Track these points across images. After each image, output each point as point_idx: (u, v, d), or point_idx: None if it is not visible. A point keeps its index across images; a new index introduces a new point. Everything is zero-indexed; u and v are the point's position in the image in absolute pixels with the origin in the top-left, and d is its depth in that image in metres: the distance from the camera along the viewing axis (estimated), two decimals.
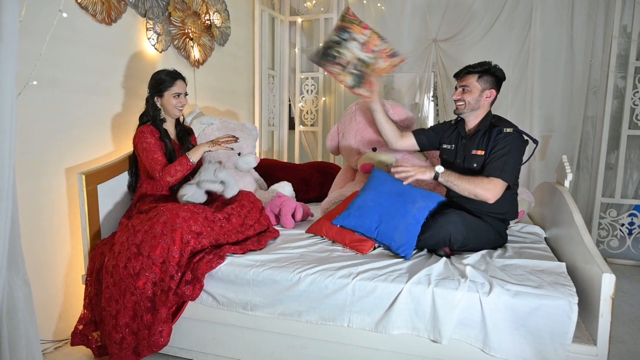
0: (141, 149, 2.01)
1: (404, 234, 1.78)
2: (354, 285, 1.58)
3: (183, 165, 2.01)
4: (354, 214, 1.88)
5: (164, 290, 1.72)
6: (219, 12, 3.12)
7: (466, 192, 1.84)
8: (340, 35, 2.17)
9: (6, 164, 0.99)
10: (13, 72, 0.98)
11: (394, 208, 1.87)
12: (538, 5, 3.32)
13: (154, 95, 2.09)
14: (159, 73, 2.10)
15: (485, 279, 1.52)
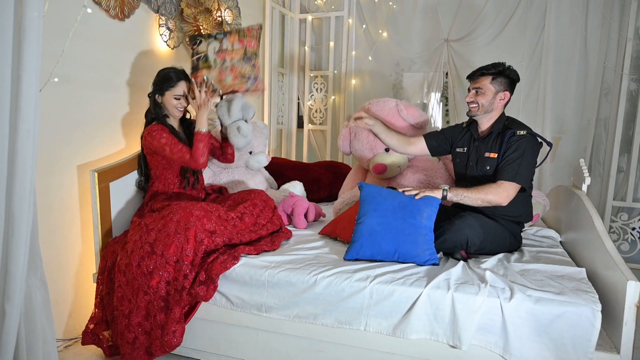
0: (160, 146, 1.97)
1: (424, 247, 1.73)
2: (372, 288, 1.56)
3: (199, 140, 1.98)
4: (366, 244, 1.77)
5: (178, 290, 1.70)
6: (230, 8, 3.09)
7: (479, 201, 1.81)
8: (217, 34, 2.22)
9: (29, 164, 0.96)
10: (37, 70, 0.95)
11: (405, 224, 1.76)
12: (552, 6, 3.29)
13: (156, 93, 2.06)
14: (164, 70, 2.07)
15: (505, 284, 1.49)
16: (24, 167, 0.95)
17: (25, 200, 0.97)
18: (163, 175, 2.06)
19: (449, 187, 1.82)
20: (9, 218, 0.96)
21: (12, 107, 0.92)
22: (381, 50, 3.84)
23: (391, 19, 3.76)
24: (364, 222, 1.81)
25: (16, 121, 0.92)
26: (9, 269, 0.98)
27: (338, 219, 2.09)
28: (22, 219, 0.98)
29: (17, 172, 0.94)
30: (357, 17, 3.87)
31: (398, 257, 1.74)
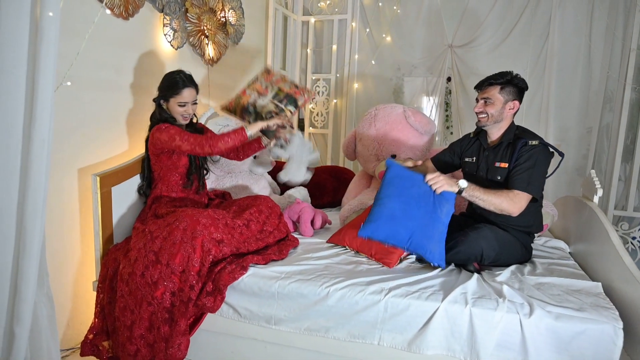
0: (169, 137, 1.88)
1: (438, 243, 1.70)
2: (386, 302, 1.51)
3: (238, 135, 1.88)
4: (383, 227, 1.77)
5: (184, 301, 1.64)
6: (234, 9, 3.03)
7: (492, 206, 1.79)
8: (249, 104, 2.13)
9: (42, 178, 0.90)
10: (53, 73, 0.90)
11: (426, 215, 1.74)
12: (557, 15, 3.28)
13: (161, 98, 1.99)
14: (171, 75, 1.99)
15: (524, 299, 1.46)
16: (37, 181, 0.89)
17: (38, 216, 0.91)
18: (167, 177, 1.99)
19: (468, 186, 1.77)
20: (20, 234, 0.90)
21: (27, 114, 0.86)
22: (384, 55, 3.80)
23: (395, 23, 3.73)
24: (385, 204, 1.78)
25: (30, 130, 0.86)
26: (19, 288, 0.92)
27: (347, 228, 2.05)
28: (35, 235, 0.92)
29: (30, 186, 0.88)
30: (360, 20, 3.84)
31: (410, 246, 1.72)
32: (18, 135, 0.86)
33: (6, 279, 0.93)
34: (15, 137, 0.86)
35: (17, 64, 0.84)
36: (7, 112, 0.85)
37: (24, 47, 0.84)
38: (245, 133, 1.91)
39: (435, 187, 1.80)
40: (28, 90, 0.86)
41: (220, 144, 1.87)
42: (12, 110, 0.85)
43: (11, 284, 0.92)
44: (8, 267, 0.92)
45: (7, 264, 0.93)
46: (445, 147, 2.25)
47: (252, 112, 2.09)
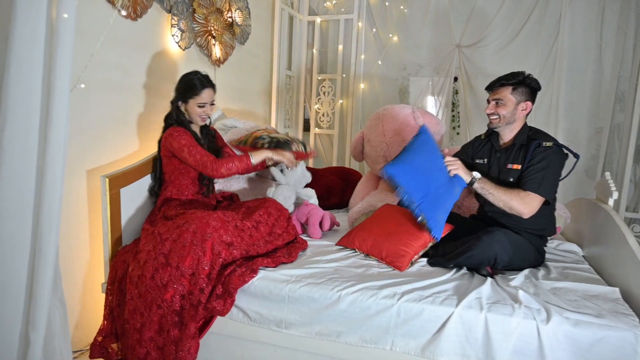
0: (179, 147, 1.89)
1: (443, 214, 1.74)
2: (399, 306, 1.49)
3: (242, 163, 1.92)
4: (409, 173, 1.71)
5: (193, 305, 1.62)
6: (241, 9, 3.02)
7: (501, 202, 1.77)
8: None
9: (58, 181, 0.88)
10: (69, 75, 0.88)
11: (443, 185, 1.77)
12: (567, 14, 3.25)
13: (179, 100, 1.98)
14: (188, 77, 1.97)
15: (540, 305, 1.43)
16: (53, 184, 0.87)
17: (54, 220, 0.89)
18: (178, 181, 1.98)
19: (481, 178, 1.81)
20: (35, 239, 0.88)
21: (42, 116, 0.84)
22: (391, 55, 3.78)
23: (402, 23, 3.71)
24: (417, 155, 1.78)
25: (46, 133, 0.84)
26: (34, 293, 0.90)
27: (357, 230, 2.02)
28: (50, 239, 0.90)
29: (46, 190, 0.86)
30: (367, 20, 3.81)
31: (419, 205, 1.73)
32: (34, 139, 0.84)
33: (22, 284, 0.92)
34: (32, 141, 0.84)
35: (34, 66, 0.82)
36: (24, 115, 0.83)
37: (40, 49, 0.82)
38: (249, 161, 1.94)
39: (450, 169, 1.84)
40: (44, 92, 0.84)
41: (223, 170, 1.89)
42: (28, 113, 0.83)
43: (27, 289, 0.91)
44: (24, 273, 0.91)
45: (22, 269, 0.91)
46: (455, 148, 2.22)
47: (266, 137, 2.22)
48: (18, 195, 0.87)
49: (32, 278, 0.91)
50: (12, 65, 0.80)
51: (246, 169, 1.95)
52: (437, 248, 1.92)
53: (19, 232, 0.88)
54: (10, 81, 0.81)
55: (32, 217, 0.90)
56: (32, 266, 0.91)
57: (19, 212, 0.88)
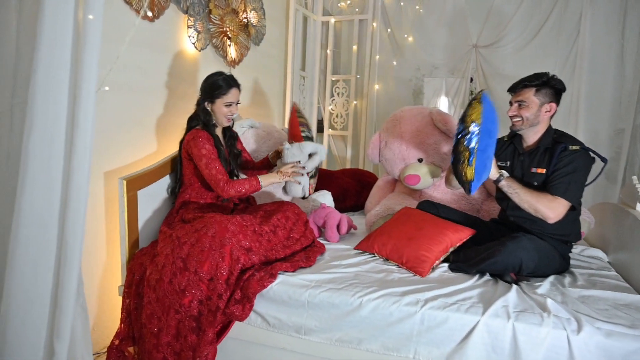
0: (199, 155, 1.87)
1: (482, 177, 1.72)
2: (423, 314, 1.45)
3: (251, 186, 1.91)
4: (488, 124, 1.71)
5: (212, 310, 1.60)
6: (256, 10, 3.00)
7: (526, 204, 1.73)
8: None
9: (84, 187, 0.86)
10: (95, 77, 0.86)
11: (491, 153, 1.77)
12: (587, 13, 3.18)
13: (205, 100, 1.97)
14: (213, 77, 1.97)
15: (570, 314, 1.39)
16: (79, 190, 0.85)
17: (79, 226, 0.88)
18: (197, 184, 1.97)
19: (509, 176, 1.77)
20: (61, 246, 0.87)
21: (69, 121, 0.82)
22: (406, 55, 3.73)
23: (417, 23, 3.66)
24: (485, 124, 1.73)
25: (73, 137, 0.82)
26: (59, 302, 0.88)
27: (376, 234, 1.99)
28: (75, 246, 0.88)
29: (72, 196, 0.84)
30: (381, 20, 3.77)
31: (476, 155, 1.70)
32: (60, 143, 0.83)
33: (47, 293, 0.90)
34: (58, 145, 0.82)
35: (61, 69, 0.80)
36: (50, 119, 0.81)
37: (67, 52, 0.80)
38: (259, 185, 1.94)
39: None
40: (70, 96, 0.83)
41: (232, 192, 1.88)
42: (54, 116, 0.82)
43: (52, 297, 0.89)
44: (49, 281, 0.89)
45: (47, 278, 0.89)
46: None
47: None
48: (44, 201, 0.85)
49: (57, 286, 0.89)
50: (39, 68, 0.79)
51: (255, 191, 1.96)
52: (458, 253, 1.88)
53: (44, 239, 0.87)
54: (38, 85, 0.79)
55: (57, 224, 0.88)
56: (57, 274, 0.89)
57: (44, 219, 0.86)
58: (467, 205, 2.45)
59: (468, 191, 1.75)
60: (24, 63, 0.91)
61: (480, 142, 1.69)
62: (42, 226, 0.86)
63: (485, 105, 1.76)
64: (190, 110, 2.27)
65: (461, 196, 2.49)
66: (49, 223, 0.87)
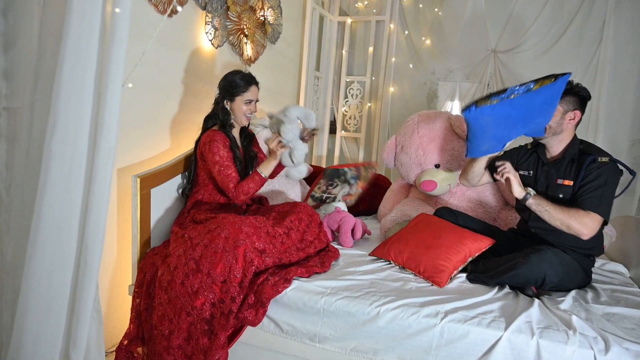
0: (213, 161, 1.86)
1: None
2: (443, 327, 1.41)
3: (256, 182, 1.87)
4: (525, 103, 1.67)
5: (224, 314, 1.57)
6: (273, 8, 2.96)
7: (558, 221, 1.67)
8: (352, 177, 2.34)
9: (106, 190, 0.82)
10: (121, 74, 0.82)
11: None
12: (611, 20, 3.11)
13: (225, 98, 1.94)
14: (233, 75, 1.95)
15: (596, 333, 1.33)
16: (101, 194, 0.81)
17: (100, 231, 0.84)
18: (211, 185, 1.94)
19: (536, 194, 1.72)
20: (80, 251, 0.83)
21: (93, 121, 0.78)
22: (423, 58, 3.68)
23: (436, 26, 3.61)
24: (529, 98, 1.68)
25: (96, 138, 0.79)
26: (76, 309, 0.85)
27: (392, 241, 1.94)
28: (95, 251, 0.84)
29: (94, 200, 0.81)
30: (399, 22, 3.72)
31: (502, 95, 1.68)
32: (84, 143, 0.79)
33: (64, 300, 0.86)
34: (81, 145, 0.78)
35: (87, 66, 0.77)
36: (75, 117, 0.77)
37: (93, 48, 0.76)
38: (262, 177, 1.89)
39: (503, 172, 1.77)
40: (95, 93, 0.79)
41: (242, 197, 1.86)
42: (78, 115, 0.78)
43: (69, 305, 0.85)
44: (67, 287, 0.86)
45: (65, 284, 0.86)
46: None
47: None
48: (65, 203, 0.81)
49: (75, 293, 0.86)
50: (65, 64, 0.75)
51: (263, 184, 1.91)
52: (477, 263, 1.83)
53: (64, 243, 0.83)
54: (63, 82, 0.75)
55: (78, 227, 0.84)
56: (75, 280, 0.86)
57: (65, 222, 0.83)
58: (484, 214, 2.40)
59: (466, 108, 1.72)
60: (47, 58, 0.88)
61: (513, 102, 1.65)
62: (62, 230, 0.82)
63: (554, 86, 1.66)
64: (205, 108, 2.23)
65: (478, 203, 2.43)
66: (70, 227, 0.84)
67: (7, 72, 0.92)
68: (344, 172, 2.27)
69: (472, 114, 1.72)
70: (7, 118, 0.93)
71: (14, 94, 0.93)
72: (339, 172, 2.25)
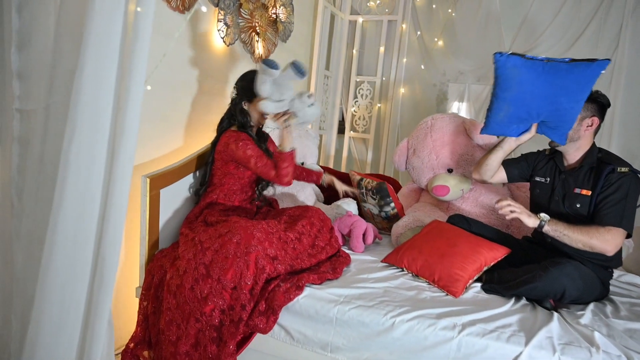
0: (246, 156, 1.83)
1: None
2: (460, 340, 1.36)
3: (284, 160, 1.84)
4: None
5: (234, 321, 1.53)
6: (285, 5, 2.91)
7: (580, 244, 1.62)
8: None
9: (124, 203, 0.78)
10: (143, 77, 0.78)
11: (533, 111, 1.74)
12: (628, 24, 3.04)
13: (243, 99, 1.90)
14: (251, 75, 1.90)
15: (620, 351, 1.29)
16: (119, 205, 0.77)
17: (117, 242, 0.80)
18: (228, 185, 1.90)
19: (550, 219, 1.64)
20: (96, 265, 0.79)
21: (112, 127, 0.74)
22: (435, 60, 3.62)
23: (449, 27, 3.54)
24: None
25: (115, 146, 0.74)
26: (90, 323, 0.81)
27: (405, 248, 1.90)
28: (112, 264, 0.80)
29: (111, 212, 0.77)
30: (411, 22, 3.66)
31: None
32: (102, 155, 0.74)
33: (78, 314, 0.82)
34: (99, 155, 0.74)
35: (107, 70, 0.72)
36: (94, 123, 0.72)
37: (115, 50, 0.72)
38: (289, 155, 1.86)
39: (506, 212, 1.65)
40: (115, 99, 0.75)
41: (286, 178, 1.85)
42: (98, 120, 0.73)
43: (83, 319, 0.82)
44: (82, 302, 0.81)
45: (80, 299, 0.82)
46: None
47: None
48: (81, 216, 0.77)
49: (89, 307, 0.82)
50: (86, 67, 0.71)
51: (293, 157, 1.89)
52: (492, 273, 1.78)
53: (79, 258, 0.79)
54: (84, 84, 0.71)
55: (94, 240, 0.80)
56: (90, 294, 0.82)
57: (81, 235, 0.79)
58: (496, 221, 2.35)
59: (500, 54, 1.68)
60: (64, 57, 0.83)
61: (545, 66, 1.63)
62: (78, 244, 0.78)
63: (589, 67, 1.64)
64: (215, 106, 2.19)
65: (490, 210, 2.38)
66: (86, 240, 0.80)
67: (21, 72, 0.88)
68: (388, 202, 2.33)
69: (504, 59, 1.66)
70: (20, 120, 0.89)
71: (28, 96, 0.89)
72: (386, 198, 2.32)
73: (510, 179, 2.01)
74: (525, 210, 1.66)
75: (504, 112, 1.75)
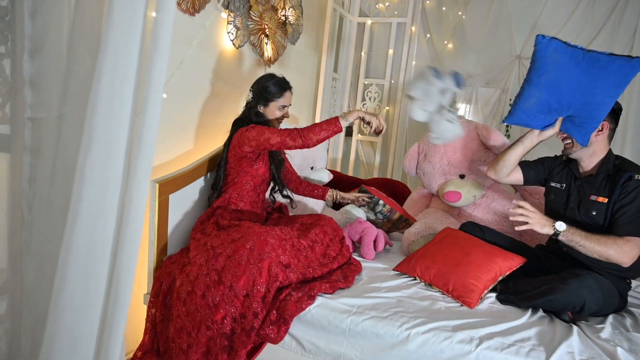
0: (258, 132, 1.76)
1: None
2: (478, 354, 1.33)
3: (331, 126, 1.71)
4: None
5: (245, 330, 1.50)
6: (294, 7, 2.88)
7: (596, 254, 1.58)
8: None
9: (139, 219, 0.75)
10: (162, 85, 0.75)
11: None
12: None
13: (259, 103, 1.88)
14: (267, 79, 1.90)
15: None
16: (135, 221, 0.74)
17: (133, 260, 0.77)
18: (240, 184, 1.87)
19: (567, 229, 1.58)
20: (111, 283, 0.76)
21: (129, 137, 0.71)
22: (445, 63, 3.58)
23: (459, 29, 3.51)
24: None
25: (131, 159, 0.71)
26: (104, 344, 0.78)
27: (417, 256, 1.86)
28: (128, 282, 0.77)
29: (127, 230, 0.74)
30: (421, 25, 3.62)
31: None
32: (118, 169, 0.70)
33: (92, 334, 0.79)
34: (116, 170, 0.70)
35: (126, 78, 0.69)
36: (110, 135, 0.69)
37: (134, 58, 0.69)
38: (339, 123, 1.72)
39: (519, 220, 1.61)
40: (134, 107, 0.72)
41: (312, 135, 1.70)
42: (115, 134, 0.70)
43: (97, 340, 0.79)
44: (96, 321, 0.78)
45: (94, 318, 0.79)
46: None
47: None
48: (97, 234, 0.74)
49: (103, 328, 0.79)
50: (103, 76, 0.68)
51: (336, 132, 1.74)
52: (507, 283, 1.74)
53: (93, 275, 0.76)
54: (101, 94, 0.68)
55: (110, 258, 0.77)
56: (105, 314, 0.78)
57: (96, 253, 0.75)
58: (509, 228, 2.31)
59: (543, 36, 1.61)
60: (77, 65, 0.81)
61: (586, 55, 1.57)
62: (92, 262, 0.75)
63: (629, 62, 1.59)
64: (226, 109, 2.16)
65: (503, 217, 2.34)
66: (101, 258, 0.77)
67: (33, 80, 0.85)
68: (376, 201, 2.19)
69: (546, 41, 1.59)
70: (31, 129, 0.87)
71: (40, 104, 0.86)
72: (372, 199, 2.18)
73: (526, 181, 1.97)
74: (539, 218, 1.61)
75: (535, 99, 1.69)
